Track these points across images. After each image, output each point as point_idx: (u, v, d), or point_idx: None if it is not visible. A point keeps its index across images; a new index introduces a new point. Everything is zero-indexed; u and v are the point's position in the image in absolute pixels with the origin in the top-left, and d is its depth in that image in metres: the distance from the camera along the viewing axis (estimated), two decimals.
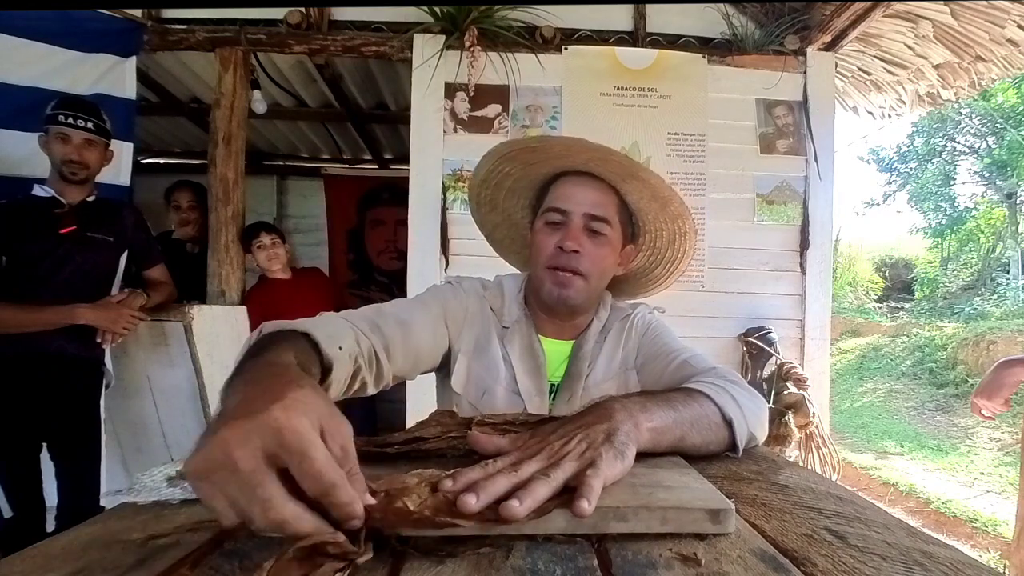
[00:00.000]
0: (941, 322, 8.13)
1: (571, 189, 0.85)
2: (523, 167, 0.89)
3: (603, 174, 0.85)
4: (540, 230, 0.86)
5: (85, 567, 0.40)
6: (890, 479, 4.12)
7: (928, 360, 6.79)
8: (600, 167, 0.84)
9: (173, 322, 2.20)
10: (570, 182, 0.85)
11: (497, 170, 0.90)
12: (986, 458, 4.51)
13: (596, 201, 0.84)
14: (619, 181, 0.86)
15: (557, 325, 0.92)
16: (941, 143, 11.76)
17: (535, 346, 0.88)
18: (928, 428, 5.52)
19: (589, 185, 0.85)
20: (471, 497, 0.40)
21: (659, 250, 0.96)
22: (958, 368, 6.27)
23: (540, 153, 0.85)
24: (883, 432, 5.48)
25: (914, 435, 5.31)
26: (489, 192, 0.94)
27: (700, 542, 0.43)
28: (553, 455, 0.48)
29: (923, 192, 12.12)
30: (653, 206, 0.89)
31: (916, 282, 11.93)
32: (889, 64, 2.81)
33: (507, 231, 1.01)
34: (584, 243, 0.83)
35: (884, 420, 5.90)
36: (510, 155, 0.88)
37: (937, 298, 10.51)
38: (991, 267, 10.35)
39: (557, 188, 0.86)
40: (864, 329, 9.19)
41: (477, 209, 0.98)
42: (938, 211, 11.96)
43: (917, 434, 5.35)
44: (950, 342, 6.75)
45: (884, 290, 12.24)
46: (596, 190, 0.85)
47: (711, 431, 0.64)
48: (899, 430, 5.50)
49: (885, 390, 6.78)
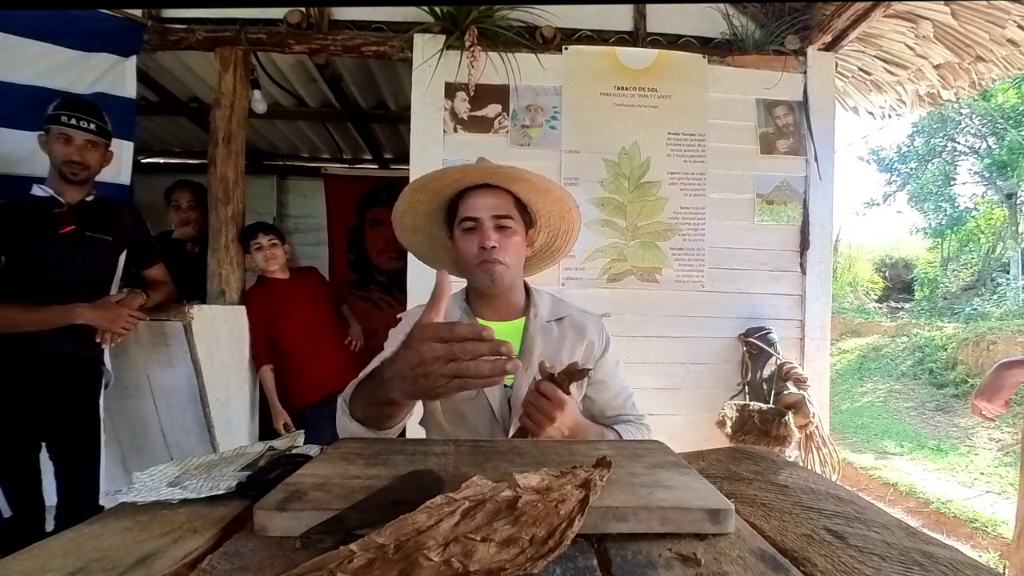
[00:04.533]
0: (941, 322, 8.13)
1: (475, 200, 1.04)
2: (431, 194, 1.07)
3: (496, 182, 1.04)
4: (460, 237, 1.05)
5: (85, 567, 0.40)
6: (890, 479, 4.12)
7: (928, 360, 6.79)
8: (492, 178, 1.04)
9: (173, 322, 2.19)
10: (473, 194, 1.04)
11: (414, 200, 1.09)
12: (986, 458, 4.51)
13: (496, 204, 1.03)
14: (510, 184, 1.05)
15: (495, 308, 1.10)
16: (941, 143, 11.76)
17: None
18: (928, 428, 5.52)
19: (488, 193, 1.04)
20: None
21: (553, 226, 1.17)
22: (958, 368, 6.27)
23: (442, 180, 1.04)
24: (883, 432, 5.47)
25: (914, 435, 5.31)
26: (410, 219, 1.13)
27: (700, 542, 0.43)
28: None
29: (923, 192, 12.11)
30: (539, 197, 1.10)
31: (916, 282, 11.93)
32: (889, 64, 2.81)
33: (430, 245, 1.19)
34: (498, 239, 1.02)
35: (884, 420, 5.90)
36: (420, 186, 1.06)
37: (937, 298, 10.51)
38: (991, 267, 10.34)
39: (465, 202, 1.05)
40: (864, 329, 9.19)
41: (402, 234, 1.17)
42: (938, 211, 11.96)
43: (917, 434, 5.35)
44: (950, 342, 6.75)
45: (884, 290, 12.24)
46: (494, 196, 1.04)
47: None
48: (899, 430, 5.50)
49: (885, 390, 6.78)
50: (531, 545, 0.40)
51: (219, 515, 0.52)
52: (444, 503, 0.43)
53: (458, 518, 0.42)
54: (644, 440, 0.92)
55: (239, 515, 0.52)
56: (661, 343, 2.53)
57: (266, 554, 0.42)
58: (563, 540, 0.41)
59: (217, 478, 0.60)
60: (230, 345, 2.44)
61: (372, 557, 0.38)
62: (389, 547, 0.39)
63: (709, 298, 2.55)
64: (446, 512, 0.42)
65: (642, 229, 2.54)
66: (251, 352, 2.56)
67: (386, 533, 0.40)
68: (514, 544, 0.40)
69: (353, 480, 0.55)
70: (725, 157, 2.57)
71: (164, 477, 0.61)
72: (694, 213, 2.56)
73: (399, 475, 0.56)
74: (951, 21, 2.42)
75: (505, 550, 0.39)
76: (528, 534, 0.41)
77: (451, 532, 0.40)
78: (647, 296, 2.53)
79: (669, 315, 2.54)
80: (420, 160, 2.48)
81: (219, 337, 2.36)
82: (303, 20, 2.48)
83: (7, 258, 1.77)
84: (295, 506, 0.47)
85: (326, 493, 0.51)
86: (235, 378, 2.48)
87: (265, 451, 0.71)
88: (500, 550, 0.39)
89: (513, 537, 0.40)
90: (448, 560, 0.37)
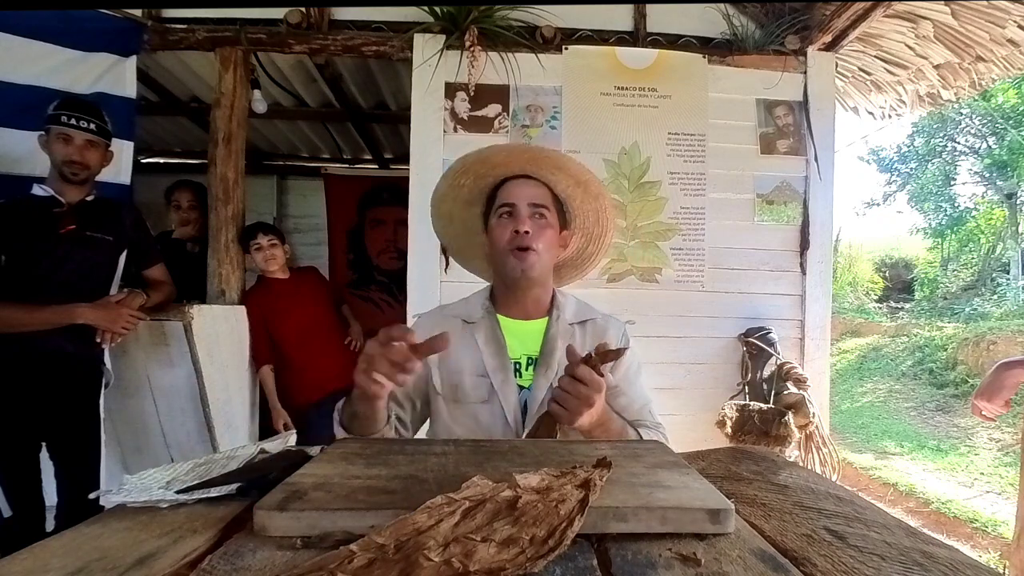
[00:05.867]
0: (941, 322, 8.12)
1: (514, 189, 1.06)
2: (475, 179, 1.09)
3: (535, 173, 1.07)
4: (496, 224, 1.06)
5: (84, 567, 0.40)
6: (890, 479, 4.12)
7: (928, 360, 6.79)
8: (533, 167, 1.06)
9: (173, 322, 2.19)
10: (512, 184, 1.07)
11: (456, 183, 1.10)
12: (986, 458, 4.51)
13: (534, 194, 1.06)
14: (548, 175, 1.07)
15: (522, 305, 1.10)
16: (941, 143, 11.76)
17: (497, 332, 1.07)
18: (928, 428, 5.52)
19: (527, 184, 1.06)
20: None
21: (588, 230, 1.17)
22: (958, 368, 6.27)
23: (488, 162, 1.07)
24: (883, 432, 5.47)
25: (914, 435, 5.31)
26: (447, 205, 1.14)
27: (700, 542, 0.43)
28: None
29: (923, 192, 12.11)
30: (577, 191, 1.11)
31: (916, 282, 11.93)
32: (889, 64, 2.81)
33: (465, 240, 1.19)
34: (532, 226, 1.03)
35: (884, 420, 5.89)
36: (464, 169, 1.08)
37: (937, 298, 10.50)
38: (991, 267, 10.34)
39: (503, 191, 1.07)
40: (864, 329, 9.19)
41: (438, 223, 1.18)
42: (938, 211, 11.95)
43: (917, 434, 5.34)
44: (950, 342, 6.75)
45: (884, 290, 12.23)
46: (533, 187, 1.06)
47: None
48: (899, 430, 5.50)
49: (885, 390, 6.78)
50: (531, 545, 0.40)
51: (219, 515, 0.52)
52: (444, 503, 0.43)
53: (458, 518, 0.42)
54: (644, 440, 0.92)
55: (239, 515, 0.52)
56: (661, 343, 2.53)
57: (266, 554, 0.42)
58: (563, 540, 0.41)
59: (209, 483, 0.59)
60: (230, 345, 2.44)
61: (372, 557, 0.38)
62: (389, 547, 0.39)
63: (709, 298, 2.55)
64: (446, 512, 0.42)
65: (642, 229, 2.54)
66: (251, 352, 2.56)
67: (386, 533, 0.40)
68: (514, 544, 0.40)
69: (353, 480, 0.55)
70: (725, 157, 2.57)
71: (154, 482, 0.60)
72: (694, 213, 2.56)
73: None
74: (951, 21, 2.42)
75: (505, 550, 0.39)
76: (528, 534, 0.41)
77: (451, 532, 0.40)
78: (647, 296, 2.53)
79: (669, 315, 2.54)
80: (420, 160, 2.48)
81: (219, 337, 2.36)
82: (303, 20, 2.48)
83: (7, 258, 1.77)
84: (295, 506, 0.47)
85: (326, 493, 0.51)
86: (235, 378, 2.48)
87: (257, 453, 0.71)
88: (500, 550, 0.39)
89: (513, 537, 0.40)
90: (448, 560, 0.37)
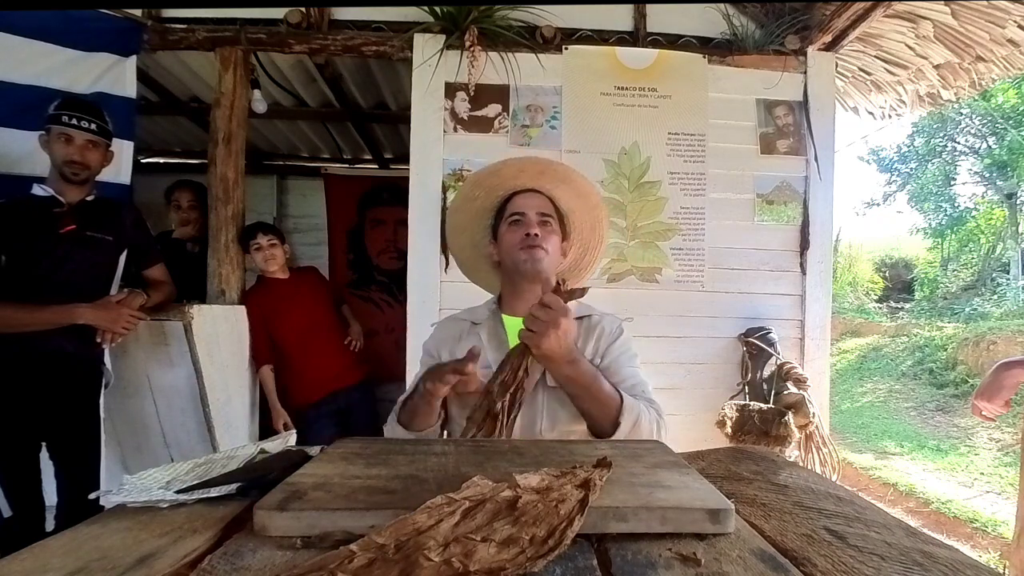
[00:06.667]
0: (941, 322, 8.12)
1: (523, 200, 1.17)
2: (487, 191, 1.20)
3: (541, 188, 1.18)
4: (507, 231, 1.16)
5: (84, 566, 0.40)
6: (890, 479, 4.12)
7: (928, 360, 6.79)
8: (541, 181, 1.18)
9: (173, 322, 2.19)
10: (521, 196, 1.18)
11: (471, 195, 1.21)
12: (986, 458, 4.51)
13: (541, 204, 1.17)
14: (552, 189, 1.18)
15: (526, 303, 1.15)
16: (941, 143, 11.76)
17: (500, 329, 1.18)
18: (928, 428, 5.52)
19: (535, 196, 1.18)
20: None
21: (584, 240, 1.28)
22: (958, 368, 6.27)
23: (498, 175, 1.18)
24: (883, 432, 5.47)
25: (914, 435, 5.31)
26: (459, 217, 1.25)
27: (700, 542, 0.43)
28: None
29: (923, 192, 12.11)
30: (578, 203, 1.22)
31: (916, 282, 11.93)
32: (889, 64, 2.81)
33: (471, 251, 1.29)
34: (541, 230, 1.14)
35: (884, 420, 5.89)
36: (476, 182, 1.20)
37: (937, 298, 10.50)
38: (991, 267, 10.35)
39: (512, 203, 1.18)
40: (864, 329, 9.19)
41: (449, 233, 1.28)
42: (938, 211, 11.96)
43: (917, 434, 5.34)
44: (950, 342, 6.75)
45: (884, 290, 12.24)
46: (540, 199, 1.18)
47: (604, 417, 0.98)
48: (899, 430, 5.50)
49: (885, 390, 6.78)
50: (531, 545, 0.40)
51: (219, 515, 0.52)
52: (444, 503, 0.43)
53: (458, 518, 0.42)
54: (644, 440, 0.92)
55: (239, 515, 0.52)
56: (661, 343, 2.53)
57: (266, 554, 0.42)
58: (563, 540, 0.41)
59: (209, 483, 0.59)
60: (230, 345, 2.44)
61: (372, 557, 0.38)
62: (389, 547, 0.39)
63: (709, 298, 2.55)
64: (446, 512, 0.42)
65: (642, 229, 2.54)
66: (251, 352, 2.56)
67: (386, 533, 0.40)
68: (514, 544, 0.40)
69: (353, 480, 0.55)
70: (725, 157, 2.57)
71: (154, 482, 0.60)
72: (694, 213, 2.56)
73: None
74: (951, 21, 2.42)
75: (505, 550, 0.39)
76: (528, 534, 0.41)
77: (451, 532, 0.40)
78: (647, 296, 2.53)
79: (669, 315, 2.54)
80: (420, 160, 2.48)
81: (219, 337, 2.36)
82: (303, 20, 2.48)
83: (7, 258, 1.77)
84: (295, 506, 0.47)
85: (326, 493, 0.51)
86: (235, 378, 2.48)
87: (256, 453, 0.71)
88: (500, 550, 0.39)
89: (513, 537, 0.40)
90: (448, 560, 0.37)
